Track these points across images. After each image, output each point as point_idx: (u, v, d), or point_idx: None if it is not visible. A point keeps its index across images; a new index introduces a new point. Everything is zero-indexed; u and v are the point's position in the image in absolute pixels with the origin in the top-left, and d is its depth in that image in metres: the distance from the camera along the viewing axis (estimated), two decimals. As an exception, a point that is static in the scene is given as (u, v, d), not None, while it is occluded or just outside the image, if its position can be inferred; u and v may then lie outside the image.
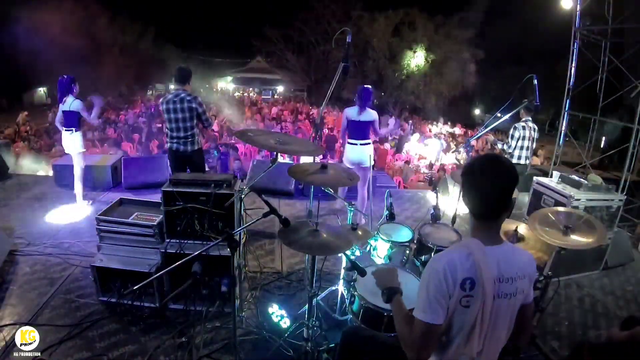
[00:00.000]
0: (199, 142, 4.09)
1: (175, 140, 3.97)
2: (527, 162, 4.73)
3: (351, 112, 4.25)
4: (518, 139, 4.54)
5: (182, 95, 3.87)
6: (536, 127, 4.62)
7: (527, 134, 4.53)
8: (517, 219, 2.90)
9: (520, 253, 1.41)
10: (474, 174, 1.36)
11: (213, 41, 27.07)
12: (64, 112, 4.49)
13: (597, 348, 2.02)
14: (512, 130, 4.57)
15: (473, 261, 1.29)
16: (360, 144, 4.23)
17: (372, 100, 4.33)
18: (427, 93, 19.91)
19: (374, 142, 4.66)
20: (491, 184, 1.32)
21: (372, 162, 4.33)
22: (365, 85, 4.35)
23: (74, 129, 4.54)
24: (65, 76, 4.45)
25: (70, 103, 4.43)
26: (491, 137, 6.12)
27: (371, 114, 4.22)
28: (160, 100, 4.01)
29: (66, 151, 4.72)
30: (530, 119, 4.56)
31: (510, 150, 4.60)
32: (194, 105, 3.88)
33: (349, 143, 4.29)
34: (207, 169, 5.33)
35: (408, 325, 1.38)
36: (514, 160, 4.60)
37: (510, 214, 1.41)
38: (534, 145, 4.77)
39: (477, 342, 1.31)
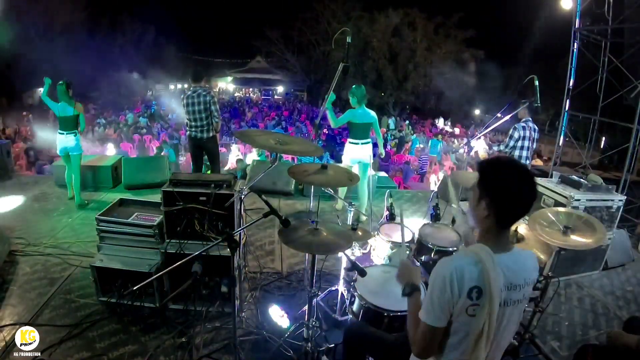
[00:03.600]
0: (213, 130, 4.73)
1: (193, 129, 4.66)
2: (528, 162, 4.72)
3: (352, 115, 4.39)
4: (518, 139, 4.51)
5: (199, 91, 4.56)
6: (536, 128, 4.60)
7: (528, 134, 4.51)
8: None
9: (527, 258, 1.39)
10: (506, 186, 1.28)
11: (213, 41, 27.10)
12: (63, 117, 4.56)
13: (600, 351, 2.02)
14: (512, 130, 4.55)
15: (481, 269, 1.27)
16: (362, 144, 4.50)
17: (365, 96, 4.44)
18: (427, 93, 19.93)
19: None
20: (529, 201, 1.29)
21: (372, 161, 4.46)
22: (355, 84, 4.52)
23: (76, 131, 4.67)
24: (62, 82, 4.53)
25: (70, 107, 4.53)
26: (485, 145, 6.09)
27: (371, 116, 4.41)
28: (182, 96, 4.68)
29: (60, 152, 4.73)
30: (530, 119, 4.54)
31: (506, 150, 4.57)
32: (207, 98, 4.56)
33: (350, 142, 4.50)
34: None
35: (416, 324, 1.39)
36: None
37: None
38: (535, 146, 4.74)
39: (484, 349, 1.29)
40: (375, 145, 5.21)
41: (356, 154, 4.51)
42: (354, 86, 4.44)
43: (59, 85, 4.48)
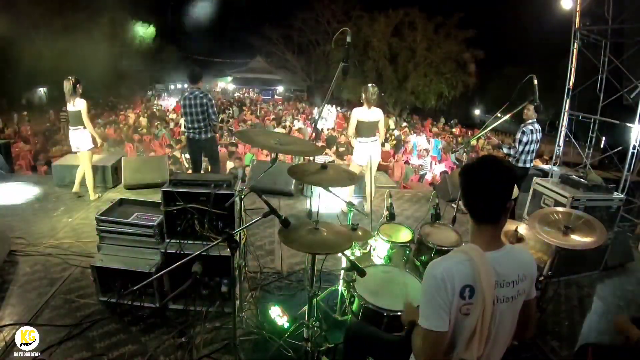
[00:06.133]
0: (211, 131, 4.78)
1: (191, 130, 4.70)
2: (531, 164, 4.62)
3: (360, 113, 4.41)
4: (526, 144, 4.36)
5: (196, 92, 4.58)
6: (541, 129, 4.50)
7: (534, 138, 4.36)
8: (517, 219, 2.90)
9: (521, 254, 1.40)
10: (473, 177, 1.34)
11: (213, 41, 27.11)
12: (71, 112, 4.61)
13: (601, 350, 2.02)
14: (519, 135, 4.36)
15: (472, 268, 1.27)
16: (371, 142, 4.52)
17: (373, 100, 4.45)
18: (427, 93, 19.89)
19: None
20: (492, 187, 1.30)
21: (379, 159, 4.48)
22: (370, 84, 4.53)
23: (81, 127, 4.68)
24: (71, 77, 4.55)
25: (77, 103, 4.56)
26: (495, 141, 6.07)
27: (378, 113, 4.44)
28: (179, 97, 4.69)
29: (73, 149, 4.80)
30: (535, 120, 4.41)
31: (517, 156, 4.43)
32: (204, 100, 4.58)
33: (359, 142, 4.47)
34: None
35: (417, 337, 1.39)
36: (520, 165, 4.44)
37: (507, 217, 1.38)
38: (538, 147, 4.64)
39: (478, 347, 1.29)
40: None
41: (367, 152, 4.45)
42: (369, 85, 4.51)
43: (67, 81, 4.51)
